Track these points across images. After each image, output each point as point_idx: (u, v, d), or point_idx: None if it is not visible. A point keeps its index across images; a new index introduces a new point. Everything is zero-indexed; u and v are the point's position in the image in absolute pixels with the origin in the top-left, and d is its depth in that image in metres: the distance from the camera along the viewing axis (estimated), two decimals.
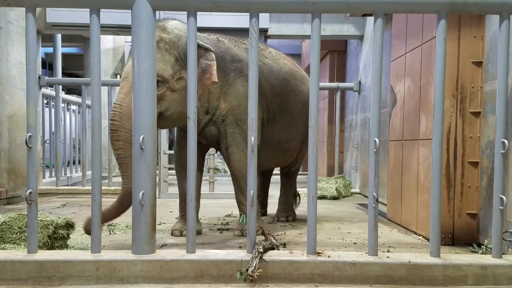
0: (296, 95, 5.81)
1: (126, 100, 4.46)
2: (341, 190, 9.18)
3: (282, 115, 5.60)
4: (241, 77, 5.16)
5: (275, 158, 5.84)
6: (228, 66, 5.13)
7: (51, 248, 4.32)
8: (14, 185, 8.40)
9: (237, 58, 5.22)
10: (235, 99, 5.10)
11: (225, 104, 5.10)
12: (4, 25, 8.20)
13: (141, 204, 3.95)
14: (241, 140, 5.11)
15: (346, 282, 3.82)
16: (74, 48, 16.54)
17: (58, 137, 10.50)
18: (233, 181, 5.33)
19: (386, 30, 7.13)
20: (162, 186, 8.74)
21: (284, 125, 5.64)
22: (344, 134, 11.30)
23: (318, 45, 4.01)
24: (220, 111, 5.07)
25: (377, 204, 3.96)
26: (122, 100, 4.47)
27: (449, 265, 3.86)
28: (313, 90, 4.03)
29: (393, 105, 6.34)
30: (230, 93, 5.11)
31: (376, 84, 3.99)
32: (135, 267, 3.85)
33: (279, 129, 5.54)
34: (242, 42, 5.54)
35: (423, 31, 5.47)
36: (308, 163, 4.04)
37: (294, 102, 5.77)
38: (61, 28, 9.54)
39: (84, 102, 10.21)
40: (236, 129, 5.13)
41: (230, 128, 5.13)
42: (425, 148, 5.21)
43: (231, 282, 3.79)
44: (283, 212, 6.45)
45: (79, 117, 13.34)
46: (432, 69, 4.58)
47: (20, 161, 8.29)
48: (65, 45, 14.27)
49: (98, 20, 4.04)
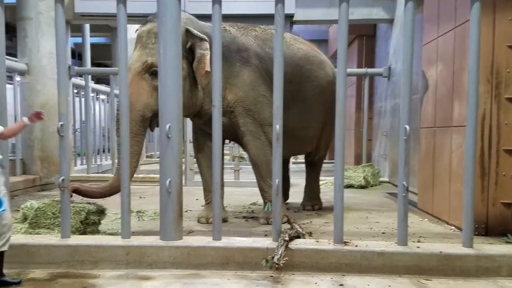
0: (311, 81, 5.65)
1: (128, 91, 4.41)
2: (369, 179, 9.07)
3: (295, 102, 5.39)
4: (247, 67, 5.10)
5: (290, 147, 5.31)
6: (233, 56, 5.05)
7: (83, 233, 4.43)
8: (47, 172, 8.63)
9: (244, 47, 5.14)
10: (241, 90, 5.06)
11: (231, 96, 5.05)
12: (34, 16, 8.35)
13: (168, 192, 3.98)
14: (254, 128, 5.10)
15: (374, 272, 3.77)
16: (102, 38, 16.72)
17: (88, 126, 10.69)
18: (254, 169, 5.33)
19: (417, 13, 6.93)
20: (188, 174, 8.80)
21: (297, 113, 5.45)
22: (372, 122, 11.13)
23: (345, 30, 3.93)
24: (227, 102, 5.00)
25: (407, 193, 3.89)
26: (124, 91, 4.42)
27: (482, 256, 3.77)
28: (341, 77, 3.96)
29: (424, 91, 6.19)
30: (236, 84, 5.06)
31: (407, 69, 3.89)
32: (163, 253, 3.91)
33: (292, 117, 5.18)
34: (252, 29, 5.44)
35: (456, 14, 5.30)
36: (335, 152, 3.99)
37: (308, 89, 5.60)
38: (89, 18, 9.65)
39: (113, 91, 10.36)
40: (247, 118, 5.10)
41: (241, 119, 5.11)
42: (459, 135, 5.07)
43: (256, 269, 3.80)
44: (308, 201, 6.42)
45: (108, 106, 13.54)
46: (466, 54, 4.43)
47: (52, 149, 8.47)
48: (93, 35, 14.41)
49: (125, 9, 4.06)
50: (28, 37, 8.40)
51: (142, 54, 4.68)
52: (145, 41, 4.70)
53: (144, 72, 4.64)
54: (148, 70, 4.65)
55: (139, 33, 4.81)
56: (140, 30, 4.81)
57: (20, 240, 4.06)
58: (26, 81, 8.51)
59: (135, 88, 4.59)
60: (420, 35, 6.67)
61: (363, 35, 11.71)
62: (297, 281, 3.61)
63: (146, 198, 7.18)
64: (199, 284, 3.54)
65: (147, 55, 4.63)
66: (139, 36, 4.80)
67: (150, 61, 4.61)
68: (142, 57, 4.66)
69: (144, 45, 4.70)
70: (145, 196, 7.45)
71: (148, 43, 4.67)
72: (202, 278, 3.67)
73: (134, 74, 4.63)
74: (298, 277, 3.70)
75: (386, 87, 10.06)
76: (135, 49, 4.81)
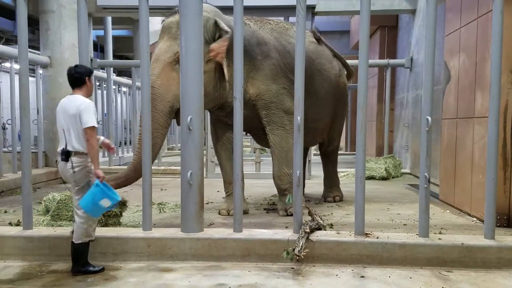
0: (321, 74, 5.72)
1: (157, 81, 4.54)
2: (390, 171, 9.00)
3: (308, 95, 5.29)
4: (268, 60, 5.12)
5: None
6: (254, 50, 5.06)
7: (105, 225, 4.48)
8: None
9: (263, 41, 5.15)
10: (263, 84, 5.08)
11: (253, 89, 5.09)
12: (57, 9, 8.43)
13: (189, 184, 4.02)
14: (277, 118, 5.17)
15: (395, 263, 3.76)
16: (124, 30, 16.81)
17: (110, 119, 10.79)
18: (273, 156, 5.35)
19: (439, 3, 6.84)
20: (209, 166, 8.85)
21: (309, 105, 5.36)
22: (394, 113, 11.02)
23: (367, 21, 3.89)
24: (248, 95, 5.05)
25: (428, 185, 3.85)
26: (153, 81, 4.48)
27: (504, 247, 3.73)
28: (362, 67, 3.93)
29: (447, 81, 6.10)
30: (258, 78, 5.09)
31: (429, 60, 3.85)
32: (184, 244, 3.94)
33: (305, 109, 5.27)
34: (267, 22, 5.46)
35: (478, 4, 5.20)
36: (356, 143, 3.97)
37: (319, 82, 5.68)
38: (111, 11, 9.73)
39: (134, 84, 10.40)
40: (270, 110, 5.16)
41: (263, 111, 5.18)
42: (481, 127, 4.99)
43: (277, 261, 3.81)
44: (329, 192, 6.42)
45: (130, 99, 13.65)
46: (488, 44, 4.35)
47: None
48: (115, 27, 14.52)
49: (147, 1, 4.09)
50: (51, 30, 8.49)
51: (172, 44, 4.66)
52: (174, 32, 4.66)
53: (175, 62, 4.56)
54: (179, 61, 4.46)
55: (166, 24, 4.82)
56: (167, 21, 4.82)
57: (42, 232, 4.15)
58: (48, 74, 8.61)
59: (165, 79, 4.58)
60: (442, 26, 6.58)
61: (385, 26, 11.55)
62: (318, 273, 3.62)
63: (167, 190, 7.25)
64: (220, 276, 3.57)
65: (178, 45, 4.44)
66: (166, 27, 4.80)
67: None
68: (173, 48, 4.63)
69: (174, 36, 4.66)
70: (167, 188, 7.53)
71: (178, 34, 4.49)
72: (223, 270, 3.70)
73: (164, 64, 4.62)
74: (319, 269, 3.71)
75: (408, 78, 9.94)
76: (162, 40, 4.80)
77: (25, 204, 4.20)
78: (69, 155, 3.53)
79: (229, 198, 5.38)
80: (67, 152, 3.54)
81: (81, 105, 3.53)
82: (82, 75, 3.65)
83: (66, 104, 3.61)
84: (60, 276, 3.61)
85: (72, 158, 3.53)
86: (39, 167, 8.39)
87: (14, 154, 7.86)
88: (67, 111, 3.56)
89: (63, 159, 3.55)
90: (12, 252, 3.98)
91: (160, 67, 4.57)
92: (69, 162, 3.53)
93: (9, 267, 3.80)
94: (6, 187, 7.14)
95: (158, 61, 4.60)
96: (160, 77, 4.52)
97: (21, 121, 4.22)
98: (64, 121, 3.58)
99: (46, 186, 7.91)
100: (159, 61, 4.60)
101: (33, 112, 8.34)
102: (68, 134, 3.56)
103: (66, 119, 3.57)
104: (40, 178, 7.93)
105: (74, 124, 3.54)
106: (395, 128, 10.98)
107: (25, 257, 3.95)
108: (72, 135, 3.54)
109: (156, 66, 4.59)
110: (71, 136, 3.55)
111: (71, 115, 3.53)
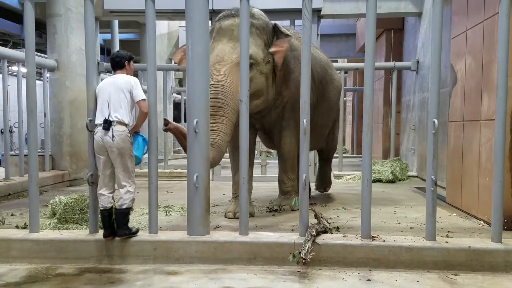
0: (332, 83, 6.18)
1: (227, 80, 4.71)
2: (397, 173, 8.97)
3: (323, 101, 5.93)
4: (299, 64, 5.17)
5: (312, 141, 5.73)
6: (288, 55, 5.26)
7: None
8: (76, 168, 8.77)
9: (293, 47, 5.35)
10: (294, 86, 5.21)
11: (286, 91, 5.32)
12: (64, 13, 8.46)
13: (195, 187, 4.02)
14: (293, 125, 5.34)
15: (402, 267, 3.74)
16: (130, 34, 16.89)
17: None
18: (280, 161, 5.66)
19: (445, 6, 6.81)
20: (215, 169, 8.83)
21: (322, 111, 5.95)
22: (400, 116, 10.99)
23: (373, 24, 3.89)
24: (281, 98, 5.33)
25: (435, 188, 3.84)
26: (223, 80, 4.68)
27: (511, 251, 3.70)
28: (368, 70, 3.93)
29: (453, 84, 6.08)
30: (291, 80, 5.29)
31: (435, 63, 3.85)
32: (190, 247, 3.95)
33: (318, 114, 5.64)
34: (287, 28, 5.67)
35: (485, 6, 5.18)
36: (362, 146, 3.97)
37: (330, 89, 6.13)
38: (118, 14, 9.77)
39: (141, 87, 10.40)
40: (292, 113, 5.33)
41: (287, 113, 5.41)
42: (488, 129, 4.97)
43: (284, 264, 3.81)
44: (322, 184, 7.14)
45: None
46: (495, 47, 4.33)
47: (81, 144, 8.59)
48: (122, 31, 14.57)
49: (153, 5, 4.11)
50: (58, 34, 8.52)
51: (236, 46, 4.76)
52: (236, 35, 4.76)
53: None
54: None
55: (224, 26, 4.96)
56: (226, 23, 4.96)
57: (48, 235, 4.16)
58: (55, 77, 8.64)
59: (234, 78, 4.68)
60: (448, 28, 6.56)
61: (391, 29, 11.55)
62: (324, 276, 3.61)
63: (173, 193, 7.27)
64: (226, 279, 3.57)
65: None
66: (225, 29, 4.95)
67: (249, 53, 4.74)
68: (237, 49, 4.67)
69: (237, 38, 4.73)
70: (173, 191, 7.54)
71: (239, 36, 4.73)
72: (229, 273, 3.70)
73: (232, 65, 4.74)
74: (325, 272, 3.70)
75: (414, 81, 9.92)
76: (221, 42, 4.91)
77: (31, 207, 4.22)
78: (111, 124, 3.91)
79: (235, 200, 5.40)
80: (110, 121, 3.91)
81: (132, 82, 4.04)
82: (122, 59, 4.16)
83: (115, 80, 4.06)
84: (66, 279, 3.62)
85: (114, 127, 3.91)
86: (46, 170, 8.40)
87: (21, 157, 7.89)
88: (118, 85, 4.01)
89: (105, 128, 3.90)
90: (18, 255, 4.00)
91: (228, 67, 4.73)
92: (110, 131, 3.91)
93: (16, 270, 3.82)
94: (13, 190, 7.17)
95: (224, 61, 4.77)
96: (229, 77, 4.69)
97: (28, 125, 4.25)
98: (112, 94, 3.98)
99: (53, 189, 7.94)
100: (225, 61, 4.76)
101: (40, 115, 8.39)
102: (115, 105, 3.96)
103: (114, 92, 3.98)
104: (47, 181, 7.96)
105: (124, 98, 4.00)
106: (402, 130, 10.95)
107: (31, 260, 3.97)
108: (121, 106, 3.97)
109: (223, 66, 4.75)
110: (118, 107, 3.96)
111: (122, 89, 4.00)
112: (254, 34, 4.91)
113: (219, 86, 4.65)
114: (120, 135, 3.92)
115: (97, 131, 3.97)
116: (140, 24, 13.96)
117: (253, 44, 4.75)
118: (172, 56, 14.69)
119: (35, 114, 4.26)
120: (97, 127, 3.98)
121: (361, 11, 9.75)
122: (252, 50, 4.69)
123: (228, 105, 4.63)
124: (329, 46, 14.90)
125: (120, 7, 8.92)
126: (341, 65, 11.71)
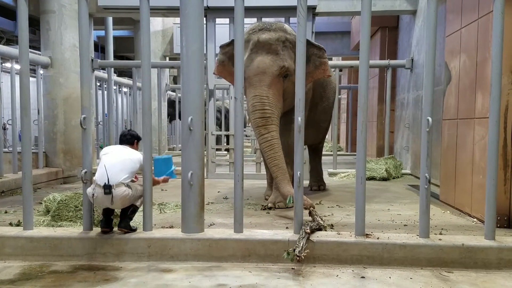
0: (331, 83, 6.75)
1: (270, 92, 5.21)
2: (391, 171, 8.98)
3: (323, 99, 6.46)
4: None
5: (313, 135, 6.68)
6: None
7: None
8: (70, 165, 8.74)
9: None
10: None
11: (310, 92, 5.80)
12: (57, 9, 8.40)
13: (190, 184, 4.02)
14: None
15: (395, 264, 3.76)
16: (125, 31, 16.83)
17: (111, 119, 10.78)
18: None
19: (440, 4, 6.83)
20: (210, 166, 8.83)
21: (323, 108, 6.52)
22: (394, 113, 11.01)
23: (368, 22, 3.89)
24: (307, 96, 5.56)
25: (429, 185, 3.86)
26: (267, 91, 5.22)
27: (504, 248, 3.73)
28: (363, 68, 3.93)
29: (447, 82, 6.10)
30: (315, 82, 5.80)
31: (430, 61, 3.86)
32: (185, 245, 3.95)
33: (319, 111, 6.41)
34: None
35: (479, 5, 5.20)
36: (357, 144, 3.98)
37: (329, 88, 6.68)
38: (112, 11, 9.71)
39: (135, 84, 10.38)
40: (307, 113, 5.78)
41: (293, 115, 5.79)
42: (481, 127, 4.99)
43: (278, 262, 3.82)
44: (315, 182, 7.37)
45: (130, 99, 13.64)
46: (489, 45, 4.35)
47: (75, 142, 8.59)
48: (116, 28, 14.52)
49: (147, 2, 4.09)
50: (51, 30, 8.47)
51: (276, 59, 5.29)
52: (274, 48, 5.31)
53: (281, 75, 5.32)
54: (283, 74, 5.32)
55: (262, 40, 5.33)
56: (264, 38, 5.34)
57: (42, 232, 4.15)
58: (49, 74, 8.59)
59: (275, 89, 5.28)
60: (443, 27, 6.58)
61: (386, 27, 11.55)
62: (318, 274, 3.62)
63: (168, 191, 7.25)
64: (220, 277, 3.57)
65: (282, 60, 5.30)
66: (263, 42, 5.33)
67: (286, 66, 5.30)
68: (278, 62, 5.28)
69: (275, 51, 5.31)
70: (167, 188, 7.51)
71: (278, 50, 5.32)
72: (223, 271, 3.71)
73: (273, 77, 5.26)
74: (319, 270, 3.71)
75: (409, 79, 9.94)
76: (259, 54, 5.32)
77: (25, 204, 4.20)
78: (111, 188, 3.88)
79: (271, 189, 6.03)
80: (109, 186, 3.88)
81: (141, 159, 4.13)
82: (133, 138, 4.35)
83: (125, 150, 4.15)
84: (60, 276, 3.61)
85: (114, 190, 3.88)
86: (39, 167, 8.37)
87: (14, 154, 7.85)
88: (130, 156, 4.07)
89: (107, 193, 3.88)
90: (12, 252, 3.99)
91: (270, 79, 5.24)
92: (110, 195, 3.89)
93: (10, 267, 3.80)
94: (6, 187, 7.14)
95: (266, 73, 5.24)
96: (271, 88, 5.23)
97: (22, 122, 4.22)
98: (117, 160, 3.99)
99: (47, 186, 7.92)
100: (267, 74, 5.24)
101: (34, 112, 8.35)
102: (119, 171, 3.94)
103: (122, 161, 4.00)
104: (41, 179, 7.92)
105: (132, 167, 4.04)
106: (396, 128, 10.97)
107: (25, 257, 3.96)
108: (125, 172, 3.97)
109: (265, 78, 5.24)
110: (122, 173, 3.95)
111: (135, 160, 4.08)
112: (288, 48, 5.38)
113: (264, 97, 5.21)
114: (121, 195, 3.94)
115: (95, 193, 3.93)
116: (134, 21, 13.92)
117: (288, 57, 5.33)
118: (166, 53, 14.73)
119: (29, 111, 4.24)
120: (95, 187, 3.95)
121: (356, 8, 9.75)
122: (288, 63, 5.29)
123: (274, 114, 5.23)
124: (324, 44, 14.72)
125: (115, 3, 8.87)
126: (335, 63, 11.72)
